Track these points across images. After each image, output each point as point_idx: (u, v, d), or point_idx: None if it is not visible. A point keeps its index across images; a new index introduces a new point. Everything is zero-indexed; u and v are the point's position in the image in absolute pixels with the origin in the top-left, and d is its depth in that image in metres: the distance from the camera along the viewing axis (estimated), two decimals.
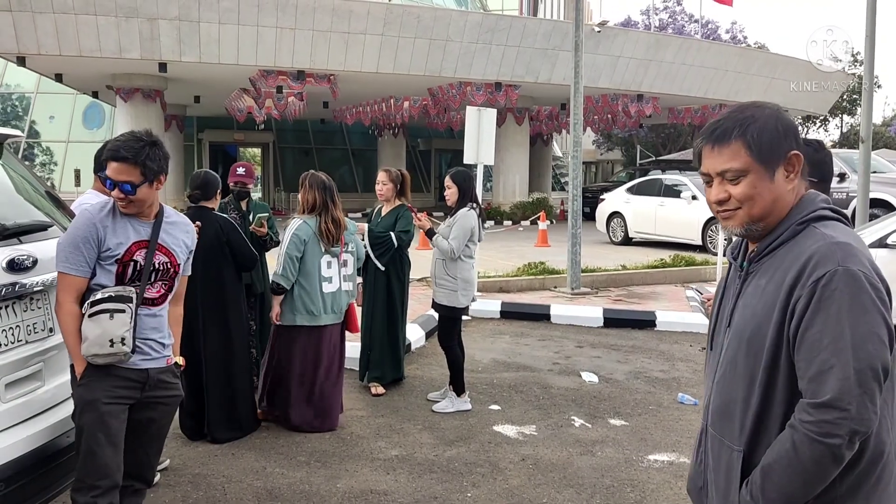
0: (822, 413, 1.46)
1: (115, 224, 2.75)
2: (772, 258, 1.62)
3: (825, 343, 1.47)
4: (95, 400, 2.66)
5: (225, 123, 28.07)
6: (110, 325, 2.63)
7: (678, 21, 37.55)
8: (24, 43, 16.44)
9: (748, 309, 1.63)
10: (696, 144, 1.71)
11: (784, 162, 1.61)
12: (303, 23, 17.40)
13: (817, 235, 1.57)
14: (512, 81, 20.21)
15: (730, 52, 24.28)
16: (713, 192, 1.65)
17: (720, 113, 1.71)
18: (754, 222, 1.63)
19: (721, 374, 1.69)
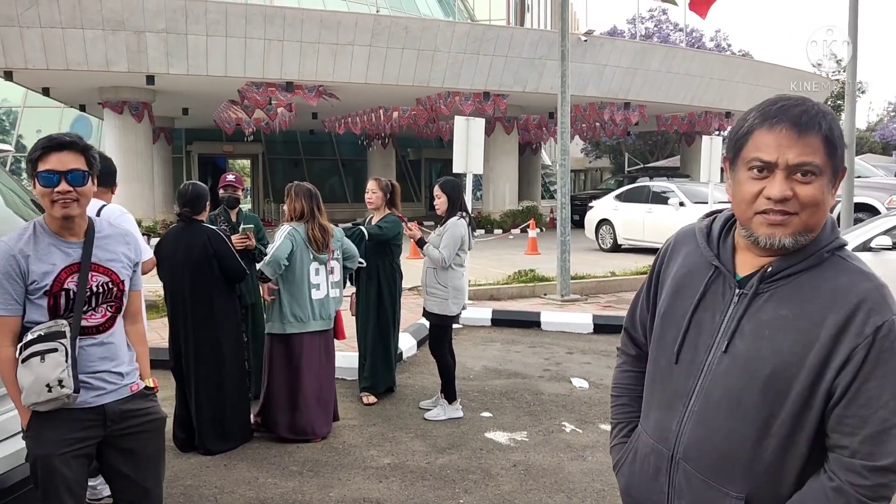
0: (880, 477, 1.32)
1: (38, 250, 2.40)
2: (791, 284, 1.41)
3: (885, 400, 1.32)
4: (47, 455, 2.39)
5: (214, 135, 28.06)
6: (43, 369, 2.31)
7: (663, 30, 37.84)
8: (10, 57, 16.40)
9: (766, 342, 1.39)
10: (748, 123, 1.42)
11: (841, 173, 1.41)
12: (291, 34, 17.44)
13: (850, 269, 1.40)
14: (500, 91, 20.31)
15: (714, 60, 24.50)
16: (777, 186, 1.35)
17: (778, 96, 1.43)
18: (806, 233, 1.38)
19: (710, 405, 1.46)
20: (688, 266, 1.57)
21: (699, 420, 1.46)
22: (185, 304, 4.55)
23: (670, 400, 1.53)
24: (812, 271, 1.40)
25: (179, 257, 4.53)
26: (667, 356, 1.55)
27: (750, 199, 1.40)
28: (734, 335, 1.43)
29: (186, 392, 4.65)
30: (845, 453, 1.35)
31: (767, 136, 1.37)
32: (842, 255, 1.43)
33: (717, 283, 1.50)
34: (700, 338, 1.49)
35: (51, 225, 2.44)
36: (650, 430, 1.59)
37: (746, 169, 1.41)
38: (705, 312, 1.50)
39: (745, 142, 1.41)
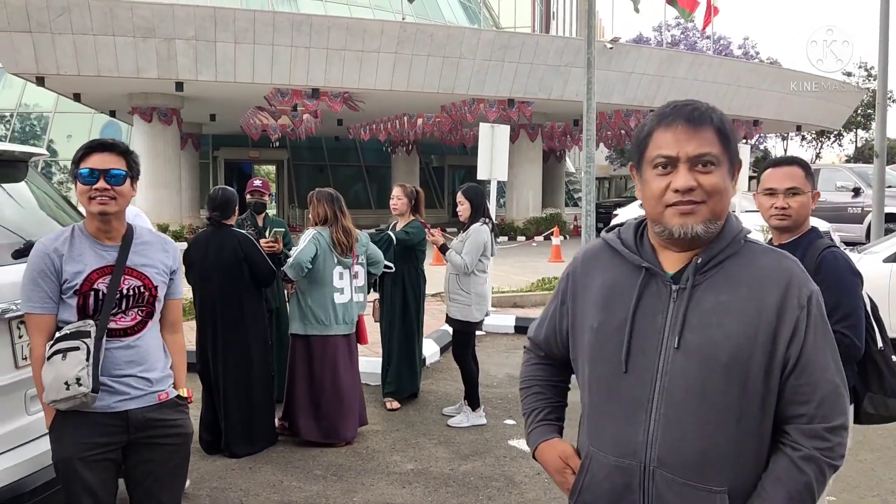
0: (837, 436, 1.43)
1: (73, 251, 2.44)
2: (721, 271, 1.48)
3: (828, 363, 1.45)
4: (69, 457, 2.39)
5: (240, 141, 28.34)
6: (63, 367, 2.33)
7: (690, 37, 37.62)
8: (43, 63, 16.71)
9: (716, 329, 1.43)
10: (647, 127, 1.51)
11: (737, 164, 1.52)
12: (317, 41, 17.59)
13: (767, 251, 1.52)
14: (525, 98, 20.31)
15: (742, 68, 24.29)
16: (682, 177, 1.43)
17: (673, 101, 1.54)
18: (714, 220, 1.46)
19: (676, 405, 1.45)
20: (612, 277, 1.57)
21: (669, 423, 1.45)
22: (215, 307, 4.60)
23: (627, 412, 1.49)
24: (735, 257, 1.49)
25: (209, 261, 4.58)
26: (612, 368, 1.52)
27: (659, 195, 1.47)
28: (683, 329, 1.45)
29: (214, 395, 4.69)
30: (803, 420, 1.44)
31: (666, 133, 1.46)
32: (752, 240, 1.53)
33: (650, 285, 1.52)
34: (646, 342, 1.49)
35: (88, 228, 2.48)
36: (608, 449, 1.52)
37: (652, 167, 1.48)
38: (645, 316, 1.50)
39: (647, 143, 1.50)
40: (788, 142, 40.85)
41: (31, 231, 3.04)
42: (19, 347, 2.77)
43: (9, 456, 2.65)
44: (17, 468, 2.63)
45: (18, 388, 2.75)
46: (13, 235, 2.94)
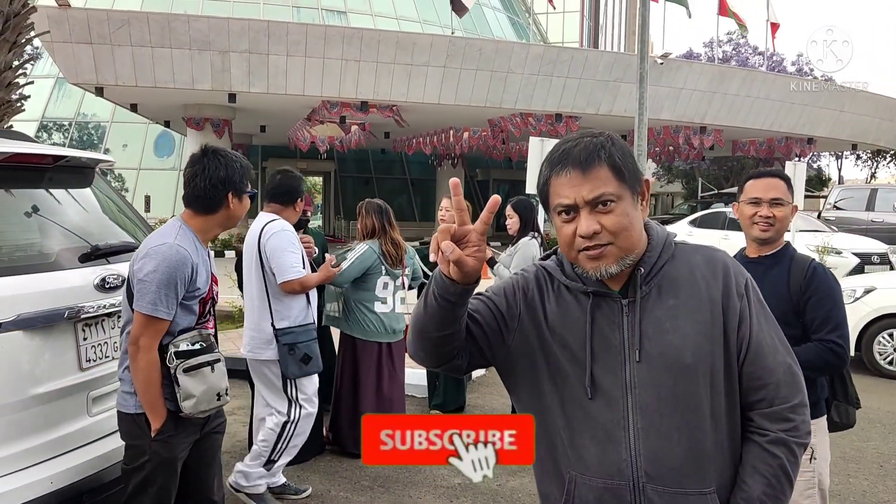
0: (798, 413, 1.47)
1: (198, 258, 2.58)
2: (663, 277, 1.50)
3: (776, 345, 1.49)
4: (174, 458, 2.55)
5: (288, 152, 28.74)
6: (214, 379, 2.51)
7: (742, 53, 37.08)
8: (102, 74, 17.21)
9: (671, 334, 1.45)
10: (543, 175, 1.51)
11: (641, 187, 1.51)
12: (367, 55, 17.78)
13: (696, 248, 1.56)
14: (572, 113, 20.22)
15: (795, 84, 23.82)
16: (584, 224, 1.43)
17: (560, 140, 1.54)
18: (627, 255, 1.46)
19: (652, 416, 1.44)
20: (560, 305, 1.55)
21: (648, 435, 1.44)
22: None
23: (606, 432, 1.47)
24: (672, 261, 1.52)
25: None
26: (580, 393, 1.49)
27: (569, 241, 1.47)
28: (641, 341, 1.46)
29: None
30: (764, 405, 1.47)
31: (559, 181, 1.46)
32: (681, 242, 1.57)
33: (600, 307, 1.51)
34: (608, 361, 1.48)
35: (205, 235, 2.66)
36: (592, 472, 1.48)
37: (557, 215, 1.48)
38: (602, 336, 1.49)
39: (548, 192, 1.50)
40: (843, 160, 39.91)
41: (96, 236, 3.11)
42: (84, 350, 2.83)
43: (71, 456, 2.70)
44: (79, 468, 2.69)
45: (81, 389, 2.81)
46: (80, 240, 3.01)
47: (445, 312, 1.41)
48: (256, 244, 3.98)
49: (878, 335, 7.56)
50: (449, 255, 1.32)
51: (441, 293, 1.39)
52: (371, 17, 26.62)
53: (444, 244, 1.32)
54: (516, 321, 1.56)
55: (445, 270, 1.36)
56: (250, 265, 4.02)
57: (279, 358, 3.92)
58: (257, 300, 3.98)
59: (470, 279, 1.36)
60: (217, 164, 2.61)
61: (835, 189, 20.83)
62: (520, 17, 35.23)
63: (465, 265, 1.33)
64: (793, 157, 22.55)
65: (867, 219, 16.25)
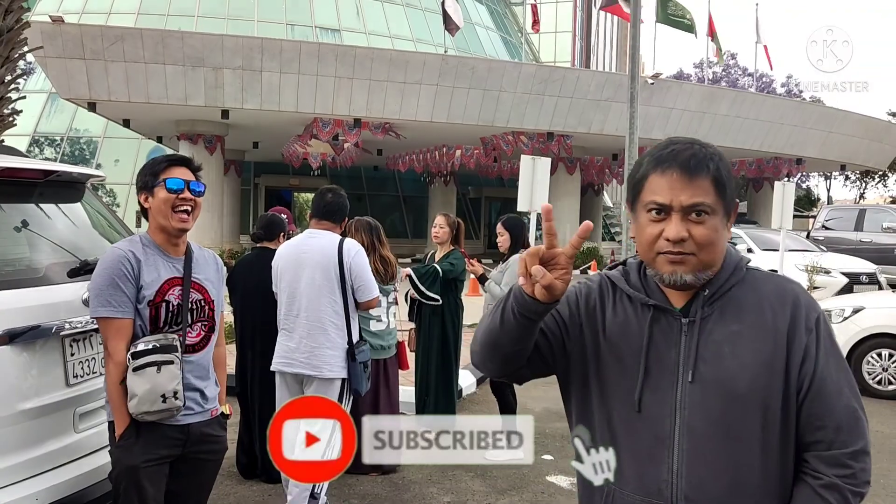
0: (858, 461, 1.40)
1: (147, 259, 2.51)
2: (728, 301, 1.47)
3: (841, 387, 1.42)
4: (134, 466, 2.44)
5: (281, 169, 28.77)
6: (160, 380, 2.39)
7: (731, 74, 37.46)
8: (95, 89, 17.23)
9: (730, 359, 1.42)
10: (643, 169, 1.48)
11: (732, 209, 1.49)
12: (360, 72, 17.88)
13: (770, 277, 1.52)
14: (564, 131, 20.35)
15: (785, 106, 24.08)
16: (674, 228, 1.41)
17: (667, 140, 1.52)
18: (705, 270, 1.44)
19: (699, 439, 1.43)
20: (619, 316, 1.54)
21: (693, 458, 1.42)
22: (255, 330, 4.64)
23: (648, 449, 1.46)
24: (740, 286, 1.48)
25: (252, 285, 4.63)
26: (627, 407, 1.49)
27: (651, 241, 1.44)
28: (696, 362, 1.44)
29: (251, 418, 4.71)
30: (822, 447, 1.40)
31: (660, 180, 1.43)
32: (754, 268, 1.53)
33: (659, 322, 1.50)
34: (661, 378, 1.46)
35: (156, 238, 2.57)
36: (631, 487, 1.48)
37: (645, 212, 1.45)
38: (657, 353, 1.48)
39: (642, 186, 1.47)
40: (832, 181, 40.24)
41: (86, 251, 3.10)
42: (71, 366, 2.81)
43: (57, 473, 2.68)
44: (65, 485, 2.66)
45: (68, 405, 2.79)
46: (69, 255, 3.01)
47: (523, 329, 1.43)
48: (338, 261, 3.94)
49: (867, 354, 7.59)
50: (539, 279, 1.32)
51: (522, 311, 1.39)
52: (364, 35, 26.77)
53: (534, 269, 1.33)
54: (577, 330, 1.56)
55: (530, 290, 1.36)
56: (324, 282, 3.92)
57: (349, 375, 3.89)
58: (334, 318, 3.91)
59: (555, 299, 1.37)
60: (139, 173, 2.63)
61: (824, 209, 20.97)
62: (512, 36, 35.50)
63: (554, 289, 1.34)
64: (782, 178, 22.73)
65: (856, 239, 16.36)
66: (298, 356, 3.90)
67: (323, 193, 4.19)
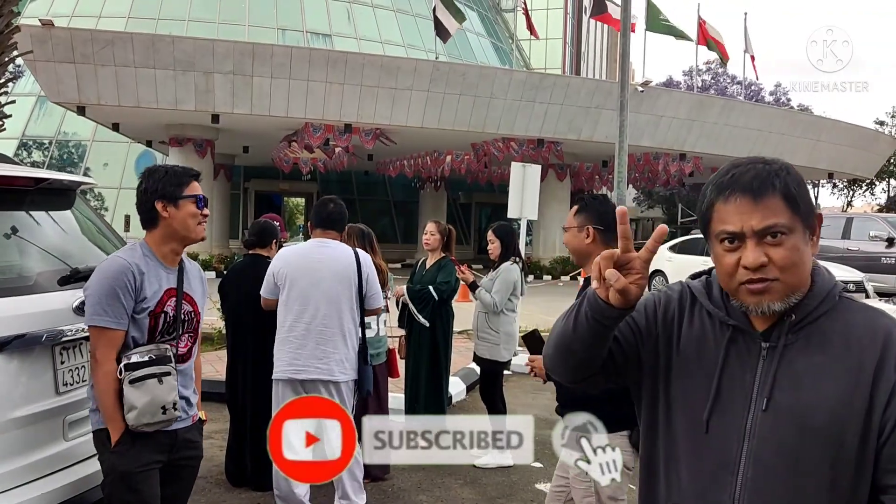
0: None
1: (149, 270, 2.54)
2: (816, 330, 1.39)
3: None
4: (129, 472, 2.46)
5: (271, 173, 28.73)
6: (161, 391, 2.44)
7: (721, 82, 37.69)
8: (84, 93, 17.17)
9: (809, 391, 1.35)
10: (707, 199, 1.42)
11: (813, 221, 1.41)
12: (351, 78, 17.89)
13: (864, 308, 1.43)
14: (554, 138, 20.42)
15: (774, 114, 24.25)
16: (750, 255, 1.34)
17: (729, 164, 1.44)
18: (792, 293, 1.36)
19: (766, 470, 1.37)
20: (698, 330, 1.49)
21: (757, 488, 1.37)
22: (246, 337, 4.64)
23: (713, 472, 1.42)
24: (830, 314, 1.40)
25: (244, 292, 4.62)
26: (695, 426, 1.45)
27: (731, 272, 1.38)
28: (773, 390, 1.37)
29: (240, 425, 4.70)
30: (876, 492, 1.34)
31: (726, 207, 1.37)
32: (847, 297, 1.44)
33: (738, 343, 1.44)
34: (732, 401, 1.41)
35: (156, 249, 2.59)
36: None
37: (718, 242, 1.40)
38: (732, 375, 1.42)
39: (710, 217, 1.41)
40: (819, 189, 40.51)
41: (76, 258, 3.10)
42: (60, 374, 2.81)
43: (45, 482, 2.67)
44: (55, 493, 2.66)
45: (58, 413, 2.78)
46: (59, 262, 3.00)
47: (596, 333, 1.40)
48: (357, 270, 4.06)
49: None
50: (613, 283, 1.30)
51: (596, 316, 1.37)
52: (356, 40, 26.81)
53: (608, 272, 1.30)
54: (653, 340, 1.52)
55: (604, 295, 1.33)
56: (343, 290, 4.02)
57: (360, 377, 4.05)
58: (350, 324, 4.03)
59: (630, 304, 1.34)
60: (142, 179, 2.61)
61: None
62: (503, 42, 35.61)
63: (629, 293, 1.31)
64: None
65: (843, 247, 16.46)
66: (314, 362, 3.95)
67: (325, 203, 4.24)
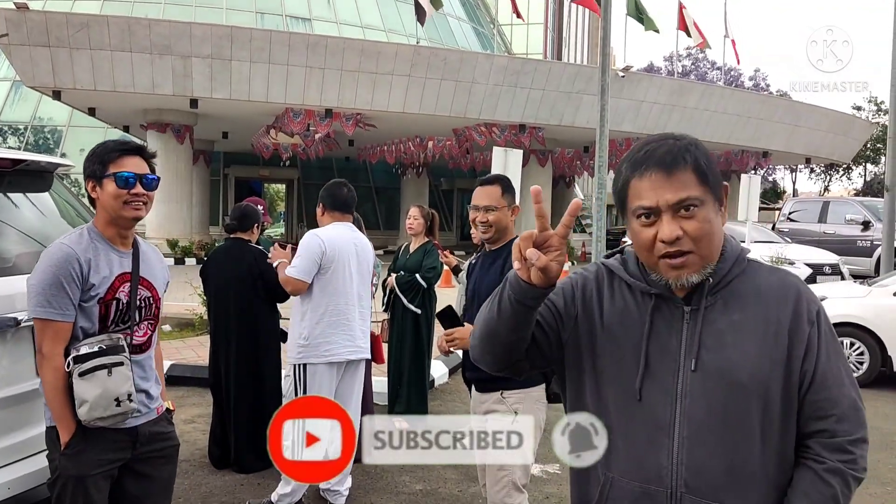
0: (860, 449, 1.44)
1: (97, 256, 2.35)
2: (731, 291, 1.48)
3: (842, 378, 1.46)
4: (83, 476, 2.30)
5: (251, 159, 28.53)
6: (112, 383, 2.26)
7: (700, 68, 37.87)
8: (60, 77, 16.92)
9: (732, 349, 1.44)
10: (623, 176, 1.47)
11: (721, 193, 1.48)
12: (332, 62, 17.77)
13: (772, 269, 1.54)
14: (536, 123, 20.44)
15: (752, 99, 24.43)
16: (666, 229, 1.40)
17: (641, 141, 1.51)
18: (708, 263, 1.44)
19: (700, 427, 1.44)
20: (620, 304, 1.54)
21: (694, 445, 1.43)
22: (229, 321, 4.63)
23: (648, 436, 1.47)
24: (742, 277, 1.49)
25: (225, 275, 4.61)
26: (627, 394, 1.49)
27: (649, 246, 1.44)
28: (699, 351, 1.45)
29: (224, 409, 4.70)
30: (826, 436, 1.44)
31: (641, 183, 1.43)
32: (754, 260, 1.55)
33: (661, 310, 1.50)
34: (661, 366, 1.47)
35: (104, 231, 2.40)
36: (630, 475, 1.49)
37: (635, 218, 1.45)
38: (659, 340, 1.48)
39: (626, 193, 1.47)
40: (797, 174, 40.91)
41: (55, 240, 3.07)
42: None
43: (29, 462, 2.67)
44: (37, 474, 2.65)
45: (40, 395, 2.77)
46: (38, 245, 2.98)
47: (520, 316, 1.43)
48: (373, 253, 4.33)
49: None
50: (535, 261, 1.32)
51: (519, 298, 1.40)
52: (336, 24, 26.59)
53: (529, 252, 1.33)
54: (573, 320, 1.57)
55: (525, 276, 1.36)
56: (368, 272, 4.22)
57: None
58: (367, 303, 4.21)
59: (551, 282, 1.37)
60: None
61: (789, 201, 21.35)
62: (484, 27, 35.50)
63: (550, 271, 1.34)
64: (748, 171, 23.09)
65: (819, 230, 16.68)
66: (361, 343, 4.09)
67: (339, 186, 4.20)
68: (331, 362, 3.94)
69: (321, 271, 3.92)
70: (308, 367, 3.92)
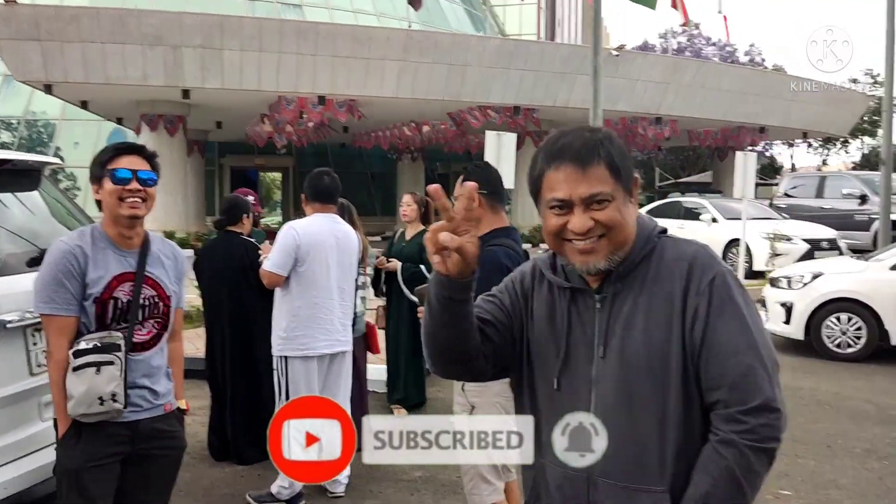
0: (758, 418, 1.40)
1: (95, 254, 2.39)
2: (637, 274, 1.50)
3: (736, 344, 1.43)
4: (77, 468, 2.35)
5: (245, 148, 28.41)
6: (98, 381, 2.29)
7: (695, 44, 37.66)
8: (51, 71, 16.81)
9: (635, 331, 1.47)
10: (538, 167, 1.51)
11: (631, 186, 1.51)
12: (324, 49, 17.66)
13: (676, 242, 1.54)
14: (531, 105, 20.33)
15: (748, 75, 24.32)
16: (578, 221, 1.44)
17: (558, 132, 1.54)
18: (617, 251, 1.47)
19: (608, 412, 1.47)
20: (545, 298, 1.60)
21: (606, 430, 1.47)
22: (223, 313, 4.64)
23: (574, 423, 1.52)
24: (648, 257, 1.51)
25: (218, 268, 4.61)
26: (549, 386, 1.55)
27: (556, 231, 1.48)
28: (607, 337, 1.49)
29: (221, 401, 4.72)
30: (720, 406, 1.42)
31: (555, 175, 1.46)
32: (666, 236, 1.55)
33: (577, 303, 1.55)
34: (578, 356, 1.52)
35: (108, 231, 2.44)
36: (556, 461, 1.53)
37: (548, 209, 1.48)
38: (576, 332, 1.53)
39: (541, 184, 1.50)
40: (794, 149, 40.81)
41: (45, 240, 3.07)
42: (34, 355, 2.81)
43: (24, 462, 2.68)
44: (32, 474, 2.66)
45: (33, 394, 2.78)
46: (27, 244, 2.98)
47: (451, 314, 1.45)
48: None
49: (826, 319, 7.79)
50: (450, 243, 1.34)
51: (445, 294, 1.42)
52: (327, 10, 26.39)
53: (442, 235, 1.35)
54: (519, 315, 1.62)
55: (443, 269, 1.38)
56: (353, 264, 4.18)
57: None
58: (349, 296, 4.15)
59: (468, 270, 1.38)
60: None
61: (786, 177, 21.33)
62: (477, 9, 35.25)
63: (466, 251, 1.35)
64: (745, 147, 23.00)
65: (816, 206, 16.67)
66: (340, 336, 4.02)
67: (321, 176, 4.10)
68: (307, 356, 3.90)
69: (297, 264, 3.85)
70: (288, 359, 3.91)
